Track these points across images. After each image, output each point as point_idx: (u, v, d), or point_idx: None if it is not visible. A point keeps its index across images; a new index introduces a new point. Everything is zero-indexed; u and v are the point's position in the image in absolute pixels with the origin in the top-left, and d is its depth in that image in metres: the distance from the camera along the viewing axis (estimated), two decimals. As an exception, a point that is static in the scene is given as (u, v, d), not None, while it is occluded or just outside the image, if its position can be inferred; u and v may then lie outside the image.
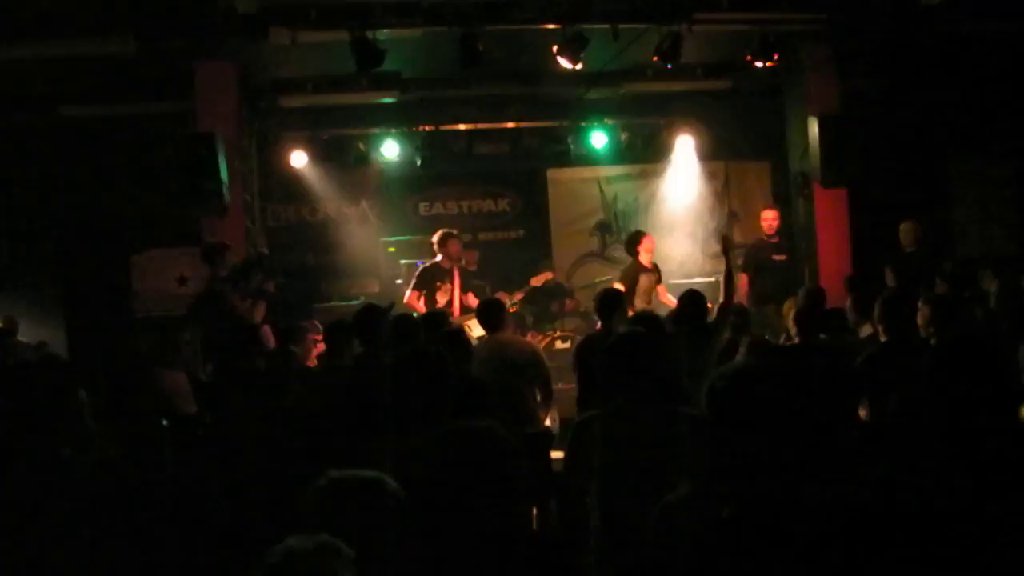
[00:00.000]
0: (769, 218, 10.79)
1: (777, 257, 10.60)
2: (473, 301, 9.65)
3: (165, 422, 5.82)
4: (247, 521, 4.09)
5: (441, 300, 9.68)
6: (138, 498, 3.77)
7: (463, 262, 10.11)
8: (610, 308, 6.85)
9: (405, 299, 9.71)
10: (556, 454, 6.79)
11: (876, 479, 3.08)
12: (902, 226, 10.06)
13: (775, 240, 10.73)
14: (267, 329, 8.73)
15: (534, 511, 6.28)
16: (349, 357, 6.45)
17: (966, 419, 3.00)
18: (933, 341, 5.42)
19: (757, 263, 10.60)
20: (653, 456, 3.76)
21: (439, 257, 9.75)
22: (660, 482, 3.10)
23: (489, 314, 6.99)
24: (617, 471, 3.89)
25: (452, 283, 9.76)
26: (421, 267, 9.98)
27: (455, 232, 10.03)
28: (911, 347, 5.27)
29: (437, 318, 7.24)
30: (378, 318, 6.44)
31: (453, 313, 9.58)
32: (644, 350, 4.17)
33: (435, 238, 9.90)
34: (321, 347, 8.89)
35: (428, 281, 9.65)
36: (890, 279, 9.97)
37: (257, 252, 10.05)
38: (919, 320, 5.69)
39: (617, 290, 7.81)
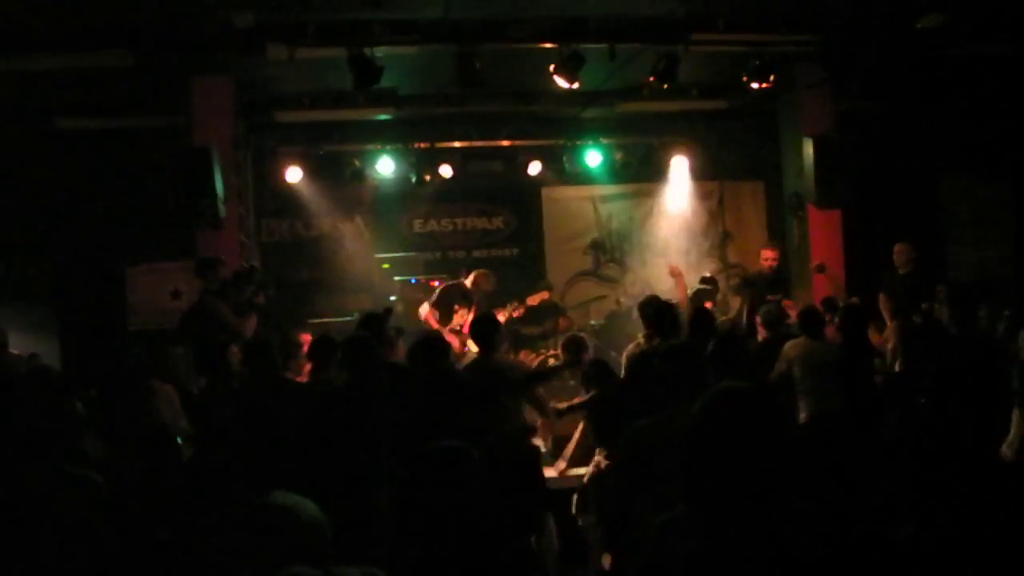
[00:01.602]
0: (770, 258, 10.61)
1: (772, 297, 10.49)
2: None
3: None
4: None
5: (456, 321, 9.79)
6: (131, 509, 3.75)
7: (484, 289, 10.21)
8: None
9: (422, 314, 9.86)
10: (548, 472, 6.80)
11: (873, 503, 3.08)
12: (896, 248, 10.07)
13: (771, 277, 10.58)
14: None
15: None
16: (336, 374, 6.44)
17: (964, 441, 3.01)
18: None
19: (753, 299, 10.47)
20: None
21: (468, 282, 9.90)
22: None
23: (483, 332, 6.90)
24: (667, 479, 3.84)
25: (470, 309, 9.93)
26: (443, 286, 10.09)
27: (491, 275, 10.34)
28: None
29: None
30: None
31: (463, 332, 9.77)
32: (696, 358, 4.23)
33: (473, 275, 10.24)
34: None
35: (447, 302, 9.80)
36: (884, 304, 9.97)
37: (248, 265, 10.04)
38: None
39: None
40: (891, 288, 9.96)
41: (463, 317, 9.85)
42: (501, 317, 9.58)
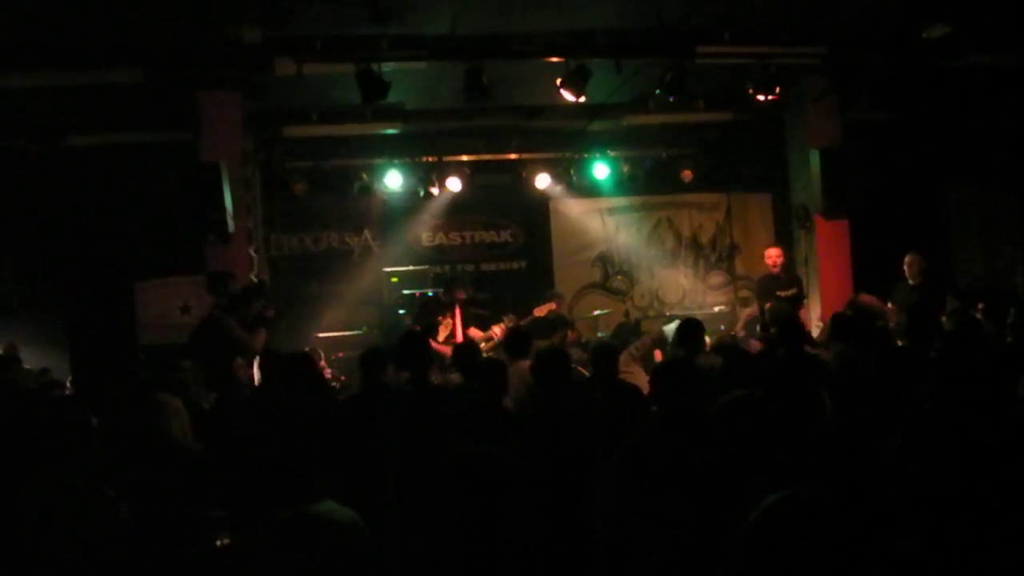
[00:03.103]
0: (773, 255, 10.71)
1: (782, 293, 10.53)
2: (475, 333, 9.75)
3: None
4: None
5: (442, 333, 9.77)
6: (140, 523, 3.77)
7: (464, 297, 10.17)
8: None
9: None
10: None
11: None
12: (907, 259, 10.04)
13: (780, 276, 10.65)
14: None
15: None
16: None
17: (970, 444, 3.02)
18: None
19: (765, 298, 10.50)
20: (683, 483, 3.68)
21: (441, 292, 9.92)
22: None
23: (516, 342, 7.13)
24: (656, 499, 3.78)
25: (453, 318, 9.88)
26: (421, 301, 10.06)
27: (464, 286, 10.24)
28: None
29: (468, 350, 7.27)
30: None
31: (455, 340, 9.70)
32: (678, 375, 4.17)
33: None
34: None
35: (431, 315, 9.76)
36: (894, 315, 9.95)
37: (257, 279, 10.06)
38: None
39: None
40: (903, 299, 9.93)
41: (447, 328, 9.86)
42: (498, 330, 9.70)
